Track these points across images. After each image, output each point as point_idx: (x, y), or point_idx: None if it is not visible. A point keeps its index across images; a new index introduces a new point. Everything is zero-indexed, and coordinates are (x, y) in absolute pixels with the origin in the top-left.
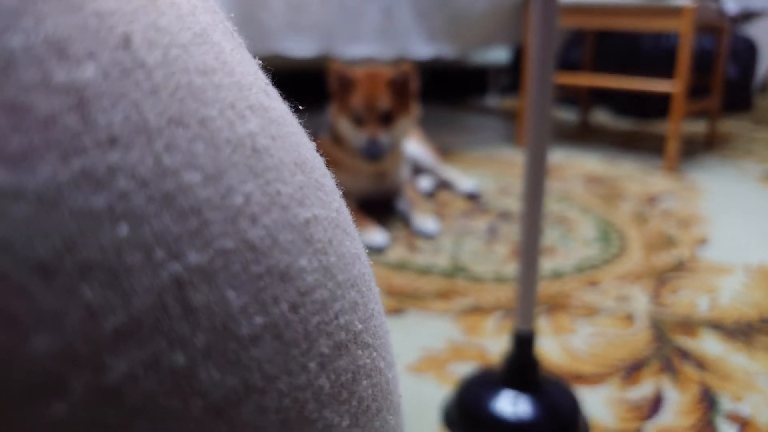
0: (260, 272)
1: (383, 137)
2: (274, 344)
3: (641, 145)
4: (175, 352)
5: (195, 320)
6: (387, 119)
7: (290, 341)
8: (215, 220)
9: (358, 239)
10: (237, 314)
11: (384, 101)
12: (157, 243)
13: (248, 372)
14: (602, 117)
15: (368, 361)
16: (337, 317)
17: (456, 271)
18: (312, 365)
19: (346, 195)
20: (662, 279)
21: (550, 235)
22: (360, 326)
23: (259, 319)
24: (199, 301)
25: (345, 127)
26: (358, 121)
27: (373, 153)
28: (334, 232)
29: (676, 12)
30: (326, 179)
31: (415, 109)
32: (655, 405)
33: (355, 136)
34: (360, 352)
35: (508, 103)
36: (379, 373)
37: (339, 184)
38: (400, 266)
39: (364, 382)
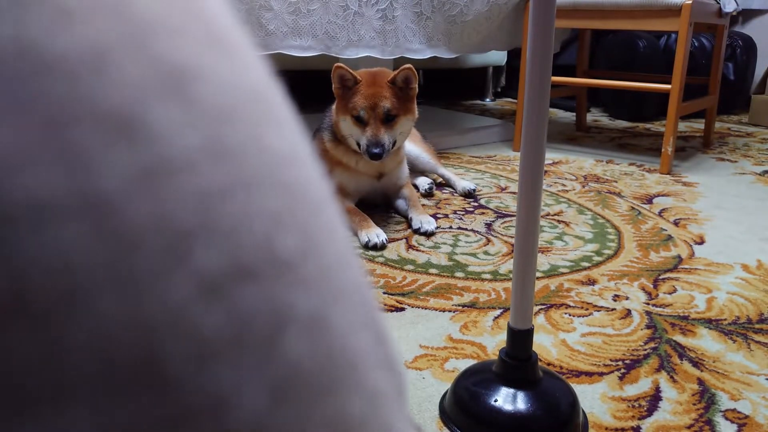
0: (56, 101)
1: (385, 137)
2: (82, 229)
3: (638, 145)
4: None
5: None
6: (389, 119)
7: (124, 233)
8: None
9: (301, 142)
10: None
11: (386, 101)
12: None
13: (16, 272)
14: (599, 117)
15: (305, 306)
16: (238, 224)
17: (454, 268)
18: (178, 285)
19: (347, 194)
20: (659, 277)
21: (547, 234)
22: (292, 255)
23: (45, 179)
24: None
25: (347, 126)
26: (361, 121)
27: (376, 153)
28: (248, 108)
29: (673, 11)
30: (241, 43)
31: (416, 110)
32: (652, 403)
33: (357, 135)
34: (290, 292)
35: (506, 104)
36: (331, 331)
37: (339, 183)
38: (399, 264)
39: (296, 340)
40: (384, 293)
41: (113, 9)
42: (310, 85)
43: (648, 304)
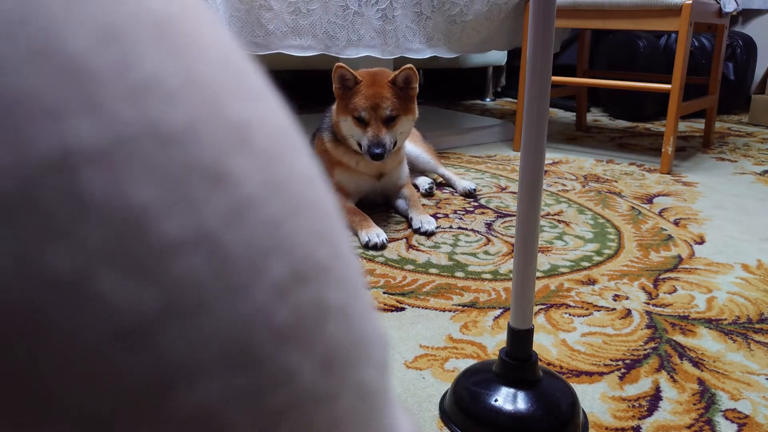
0: (176, 165)
1: (387, 137)
2: (203, 257)
3: (638, 145)
4: (55, 248)
5: (85, 211)
6: (390, 119)
7: (227, 257)
8: (111, 91)
9: (311, 161)
10: (146, 212)
11: (387, 102)
12: (31, 101)
13: (167, 288)
14: (599, 117)
15: (337, 303)
16: (293, 242)
17: (454, 268)
18: (261, 291)
19: (347, 194)
20: (659, 277)
21: (547, 234)
22: (326, 261)
23: (179, 224)
24: (93, 188)
25: (348, 127)
26: (362, 121)
27: (377, 153)
28: (283, 145)
29: (673, 11)
30: (263, 86)
31: (416, 110)
32: (653, 402)
33: (358, 136)
34: (327, 290)
35: (506, 104)
36: (353, 318)
37: (339, 183)
38: (399, 264)
39: (333, 327)
40: (384, 293)
41: (196, 84)
42: (310, 85)
43: (648, 303)
